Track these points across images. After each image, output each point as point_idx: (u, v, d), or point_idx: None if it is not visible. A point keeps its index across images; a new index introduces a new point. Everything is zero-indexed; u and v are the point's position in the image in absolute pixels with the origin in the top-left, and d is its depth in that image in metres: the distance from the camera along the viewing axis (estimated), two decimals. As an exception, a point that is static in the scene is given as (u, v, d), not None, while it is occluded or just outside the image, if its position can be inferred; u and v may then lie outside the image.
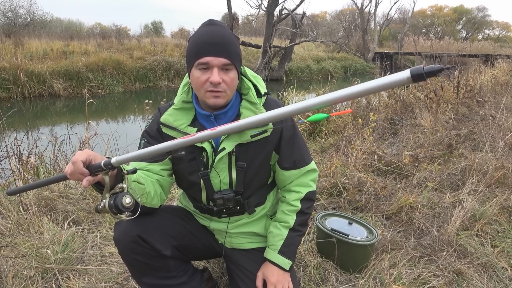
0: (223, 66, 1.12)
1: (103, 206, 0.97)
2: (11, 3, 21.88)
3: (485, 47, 22.45)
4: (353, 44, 23.01)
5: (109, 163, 0.94)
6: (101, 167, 0.95)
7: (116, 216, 0.98)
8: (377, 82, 0.62)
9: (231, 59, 1.12)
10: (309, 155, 1.38)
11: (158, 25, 35.22)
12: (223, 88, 1.13)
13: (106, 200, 0.97)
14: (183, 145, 0.85)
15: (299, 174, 1.33)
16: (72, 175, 0.96)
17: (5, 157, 2.77)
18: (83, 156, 0.94)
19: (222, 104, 1.17)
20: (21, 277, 1.68)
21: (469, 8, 45.39)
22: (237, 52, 1.16)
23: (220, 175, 1.26)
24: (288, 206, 1.34)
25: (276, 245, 1.32)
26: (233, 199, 1.28)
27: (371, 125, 3.42)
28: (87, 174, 0.95)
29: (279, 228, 1.34)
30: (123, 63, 12.18)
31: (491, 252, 1.90)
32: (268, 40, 14.59)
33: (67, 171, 0.96)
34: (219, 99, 1.15)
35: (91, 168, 0.96)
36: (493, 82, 7.13)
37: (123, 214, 0.98)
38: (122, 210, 0.96)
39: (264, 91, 1.26)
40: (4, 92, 9.61)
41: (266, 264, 1.33)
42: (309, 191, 1.35)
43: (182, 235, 1.33)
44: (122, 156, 0.93)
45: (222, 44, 1.11)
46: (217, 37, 1.12)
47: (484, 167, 2.76)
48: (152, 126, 1.28)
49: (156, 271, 1.27)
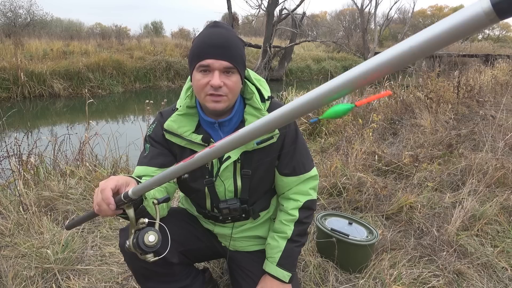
0: (225, 69, 1.08)
1: (128, 246, 0.86)
2: (11, 3, 21.91)
3: (485, 47, 22.44)
4: (353, 44, 23.02)
5: (127, 195, 0.83)
6: (121, 200, 0.84)
7: (142, 257, 0.86)
8: (435, 28, 0.37)
9: (233, 62, 1.08)
10: (311, 161, 1.33)
11: (158, 25, 35.22)
12: (225, 92, 1.09)
13: (130, 239, 0.86)
14: (192, 167, 0.72)
15: (298, 182, 1.29)
16: (100, 208, 0.87)
17: (5, 157, 2.77)
18: (112, 183, 0.86)
19: (222, 109, 1.12)
20: (21, 277, 1.68)
21: (469, 8, 45.33)
22: (240, 55, 1.11)
23: (225, 183, 1.24)
24: (286, 215, 1.30)
25: (274, 258, 1.29)
26: (239, 208, 1.25)
27: (372, 125, 3.42)
28: (114, 207, 0.85)
29: (276, 239, 1.30)
30: (123, 63, 12.18)
31: (491, 252, 1.90)
32: (268, 40, 14.59)
33: (95, 206, 0.88)
34: (219, 103, 1.10)
35: (116, 200, 0.86)
36: (493, 82, 7.12)
37: (149, 254, 0.86)
38: (145, 250, 0.84)
39: (268, 95, 1.22)
40: (4, 92, 9.61)
41: (265, 277, 1.30)
42: (308, 199, 1.30)
43: (187, 240, 1.32)
44: (137, 186, 0.83)
45: (224, 47, 1.07)
46: (219, 39, 1.08)
47: (484, 167, 2.76)
48: (156, 131, 1.23)
49: (160, 276, 1.26)
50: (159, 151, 1.21)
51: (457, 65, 9.37)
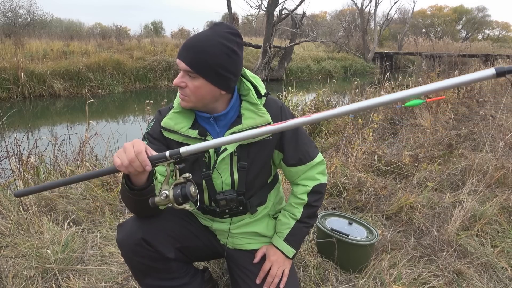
0: (187, 72, 1.12)
1: (165, 197, 0.98)
2: (11, 3, 21.91)
3: (485, 47, 22.44)
4: (353, 44, 22.99)
5: (177, 153, 0.95)
6: (165, 157, 0.95)
7: (180, 206, 0.99)
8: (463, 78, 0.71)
9: (192, 67, 1.10)
10: (314, 148, 1.37)
11: (158, 25, 35.21)
12: (187, 93, 1.15)
13: (170, 191, 0.99)
14: (203, 149, 0.96)
15: (306, 169, 1.34)
16: (129, 167, 0.95)
17: (5, 157, 2.77)
18: (143, 146, 0.95)
19: (188, 107, 1.19)
20: (21, 277, 1.68)
21: (469, 8, 45.37)
22: (206, 62, 1.09)
23: (222, 176, 1.26)
24: (296, 199, 1.36)
25: (282, 233, 1.36)
26: (236, 199, 1.28)
27: (372, 125, 3.42)
28: (150, 168, 0.96)
29: (287, 217, 1.37)
30: (123, 63, 12.18)
31: (491, 252, 1.90)
32: (268, 40, 14.59)
33: (123, 163, 0.94)
34: (183, 102, 1.18)
35: (152, 158, 0.96)
36: (493, 82, 7.12)
37: (188, 203, 1.00)
38: (190, 199, 0.98)
39: (264, 91, 1.26)
40: (4, 92, 9.61)
41: (271, 247, 1.38)
42: (316, 184, 1.35)
43: (185, 237, 1.33)
44: (191, 146, 0.95)
45: (189, 50, 1.10)
46: (192, 41, 1.11)
47: (484, 167, 2.76)
48: (154, 128, 1.27)
49: (158, 273, 1.27)
50: (156, 147, 1.23)
51: (457, 65, 9.36)
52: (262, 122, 1.20)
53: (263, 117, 1.21)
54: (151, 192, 1.06)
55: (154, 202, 0.99)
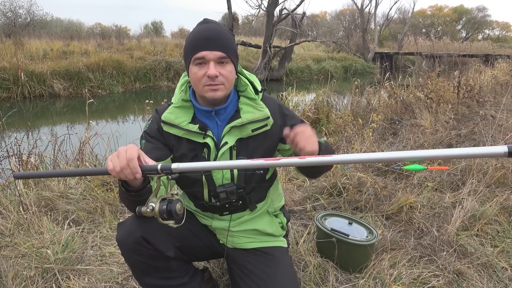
0: (219, 60, 1.15)
1: (151, 210, 0.97)
2: (11, 3, 21.93)
3: (485, 47, 22.44)
4: (353, 44, 22.98)
5: (168, 168, 0.94)
6: (156, 170, 0.95)
7: (164, 221, 0.98)
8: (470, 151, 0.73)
9: (226, 52, 1.15)
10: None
11: (158, 25, 35.23)
12: (221, 81, 1.16)
13: (156, 205, 0.97)
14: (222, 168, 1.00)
15: None
16: (120, 173, 0.95)
17: (5, 157, 2.77)
18: (135, 153, 0.95)
19: (221, 96, 1.19)
20: (21, 277, 1.68)
21: (469, 8, 45.37)
22: (232, 47, 1.19)
23: (222, 170, 1.26)
24: None
25: None
26: (235, 192, 1.28)
27: (372, 125, 3.42)
28: (140, 176, 0.96)
29: None
30: (123, 63, 12.19)
31: (491, 252, 1.90)
32: (268, 40, 14.59)
33: (115, 169, 0.95)
34: (217, 92, 1.17)
35: (143, 169, 0.96)
36: (493, 82, 7.13)
37: (172, 220, 0.98)
38: (174, 216, 0.97)
39: (260, 88, 1.30)
40: (4, 92, 9.63)
41: None
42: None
43: (184, 236, 1.33)
44: (183, 164, 0.94)
45: (216, 39, 1.14)
46: (211, 32, 1.15)
47: (484, 167, 2.76)
48: (151, 126, 1.29)
49: (158, 272, 1.27)
50: (153, 145, 1.25)
51: (457, 65, 9.36)
52: (260, 116, 1.24)
53: (261, 111, 1.24)
54: (148, 192, 1.07)
55: (141, 212, 0.99)
